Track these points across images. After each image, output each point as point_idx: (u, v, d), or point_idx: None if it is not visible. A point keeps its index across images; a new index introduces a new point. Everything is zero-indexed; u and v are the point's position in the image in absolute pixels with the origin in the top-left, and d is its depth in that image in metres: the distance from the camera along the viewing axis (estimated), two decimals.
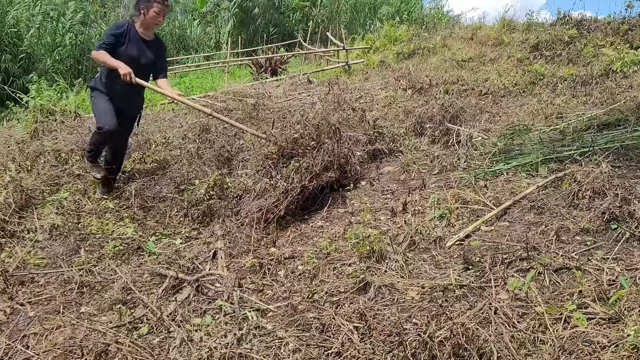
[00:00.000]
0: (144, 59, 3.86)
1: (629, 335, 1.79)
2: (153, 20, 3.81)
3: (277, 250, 2.99)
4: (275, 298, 2.47)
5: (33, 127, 5.90)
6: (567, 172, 3.21)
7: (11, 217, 3.49)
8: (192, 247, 3.14)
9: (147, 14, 3.79)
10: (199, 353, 1.97)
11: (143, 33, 3.87)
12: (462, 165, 4.02)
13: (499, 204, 3.13)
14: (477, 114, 5.36)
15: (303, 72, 10.19)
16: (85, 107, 8.23)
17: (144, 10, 3.78)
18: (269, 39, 18.53)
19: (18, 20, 14.37)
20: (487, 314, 2.01)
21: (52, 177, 4.36)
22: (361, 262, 2.62)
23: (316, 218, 3.43)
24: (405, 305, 2.23)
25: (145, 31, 3.87)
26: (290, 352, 1.98)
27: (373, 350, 1.90)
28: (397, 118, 5.61)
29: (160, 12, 3.80)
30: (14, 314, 2.48)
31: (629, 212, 2.64)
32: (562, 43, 8.03)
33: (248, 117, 6.11)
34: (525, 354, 1.81)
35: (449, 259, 2.62)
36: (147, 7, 3.76)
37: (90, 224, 3.55)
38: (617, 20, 8.46)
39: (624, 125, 4.14)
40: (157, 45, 4.01)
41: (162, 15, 3.85)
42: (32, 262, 2.98)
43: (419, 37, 11.05)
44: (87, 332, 2.19)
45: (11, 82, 12.86)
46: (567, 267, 2.35)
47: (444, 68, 8.20)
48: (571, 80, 6.34)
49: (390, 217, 3.22)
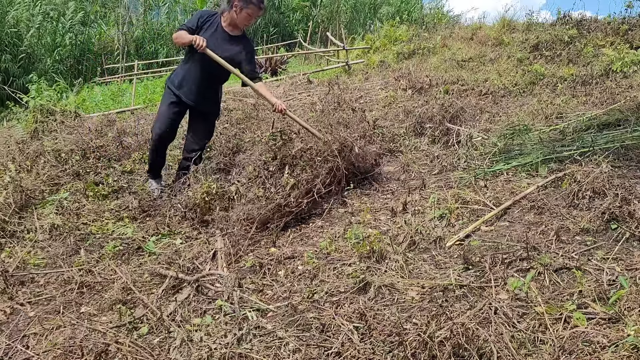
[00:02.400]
0: (226, 53, 3.60)
1: (629, 335, 1.79)
2: (244, 21, 3.63)
3: (277, 250, 2.99)
4: (275, 298, 2.47)
5: (33, 127, 5.90)
6: (567, 172, 3.21)
7: (11, 217, 3.49)
8: (192, 247, 3.14)
9: (239, 13, 3.58)
10: (199, 353, 1.97)
11: (227, 27, 3.68)
12: (462, 165, 4.02)
13: (499, 204, 3.14)
14: (477, 114, 5.36)
15: (303, 72, 10.20)
16: (85, 107, 8.24)
17: (236, 8, 3.56)
18: (269, 39, 18.53)
19: (18, 20, 14.37)
20: (487, 314, 2.01)
21: (52, 177, 4.36)
22: (361, 262, 2.62)
23: (316, 218, 3.43)
24: (405, 305, 2.23)
25: (230, 27, 3.68)
26: (290, 352, 1.98)
27: (373, 350, 1.90)
28: (397, 118, 5.62)
29: (253, 15, 3.62)
30: (14, 314, 2.48)
31: (629, 212, 2.64)
32: (562, 43, 8.04)
33: (248, 117, 6.11)
34: (525, 354, 1.81)
35: (449, 259, 2.62)
36: (242, 6, 3.55)
37: (90, 224, 3.55)
38: (617, 20, 8.46)
39: (624, 125, 4.14)
40: (242, 42, 3.73)
41: (255, 18, 3.67)
42: (32, 262, 2.98)
43: (419, 37, 11.05)
44: (87, 332, 2.19)
45: (11, 82, 12.87)
46: (567, 267, 2.36)
47: (444, 68, 8.20)
48: (571, 80, 6.34)
49: (390, 217, 3.22)
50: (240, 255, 2.97)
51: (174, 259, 2.92)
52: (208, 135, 4.04)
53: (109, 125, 5.99)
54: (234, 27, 3.69)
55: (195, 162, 3.84)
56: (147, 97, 9.66)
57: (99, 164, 4.78)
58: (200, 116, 3.93)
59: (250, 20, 3.66)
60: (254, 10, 3.58)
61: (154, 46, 17.83)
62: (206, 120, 3.96)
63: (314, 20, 19.80)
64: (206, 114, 3.93)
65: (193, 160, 3.83)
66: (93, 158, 4.88)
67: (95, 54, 16.33)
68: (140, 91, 10.65)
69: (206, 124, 3.97)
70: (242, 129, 5.62)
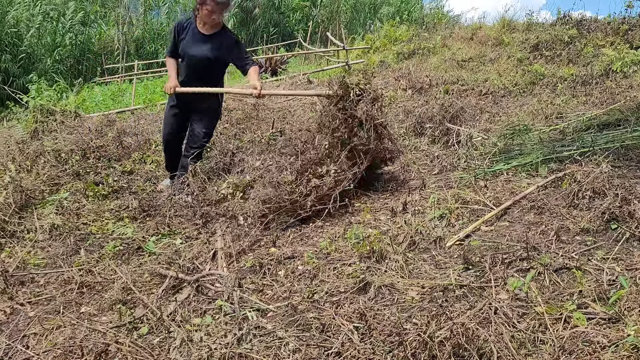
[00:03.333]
0: (201, 53, 3.83)
1: (629, 335, 1.79)
2: (205, 18, 3.77)
3: (277, 250, 2.99)
4: (275, 298, 2.47)
5: (33, 127, 5.90)
6: (567, 172, 3.21)
7: (11, 217, 3.49)
8: (192, 247, 3.14)
9: (201, 11, 3.74)
10: (199, 353, 1.97)
11: (202, 28, 3.84)
12: (462, 165, 4.02)
13: (499, 204, 3.13)
14: (477, 114, 5.36)
15: (303, 72, 10.20)
16: (85, 107, 8.24)
17: (199, 7, 3.75)
18: (269, 39, 18.54)
19: (18, 20, 14.38)
20: (487, 314, 2.01)
21: (52, 177, 4.36)
22: (361, 262, 2.62)
23: (316, 218, 3.43)
24: (405, 305, 2.23)
25: (203, 27, 3.84)
26: (290, 352, 1.98)
27: (373, 350, 1.90)
28: (397, 118, 5.62)
29: (213, 10, 3.71)
30: (14, 314, 2.48)
31: (629, 212, 2.64)
32: (562, 43, 8.04)
33: (248, 117, 6.12)
34: (525, 354, 1.81)
35: (449, 259, 2.62)
36: (200, 2, 3.72)
37: (90, 224, 3.55)
38: (617, 20, 8.47)
39: (624, 125, 4.14)
40: (219, 37, 3.89)
41: (217, 12, 3.76)
42: (32, 262, 2.98)
43: (419, 37, 11.06)
44: (87, 332, 2.19)
45: (11, 82, 12.88)
46: (567, 267, 2.35)
47: (444, 68, 8.21)
48: (571, 80, 6.34)
49: (390, 217, 3.22)
50: (242, 250, 2.97)
51: (174, 259, 2.92)
52: (207, 129, 4.08)
53: (109, 125, 6.00)
54: (207, 27, 3.83)
55: (193, 160, 3.90)
56: (147, 97, 9.67)
57: (99, 164, 4.78)
58: (199, 112, 4.03)
59: (211, 16, 3.74)
60: (212, 5, 3.68)
61: (154, 46, 17.85)
62: (205, 116, 4.04)
63: (314, 20, 19.80)
64: (205, 110, 4.03)
65: (190, 158, 3.91)
66: (93, 158, 4.88)
67: (95, 54, 16.34)
68: (140, 91, 10.67)
69: (205, 120, 4.04)
70: (242, 129, 5.62)
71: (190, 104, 4.00)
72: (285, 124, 4.12)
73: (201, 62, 3.86)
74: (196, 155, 3.96)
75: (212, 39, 3.86)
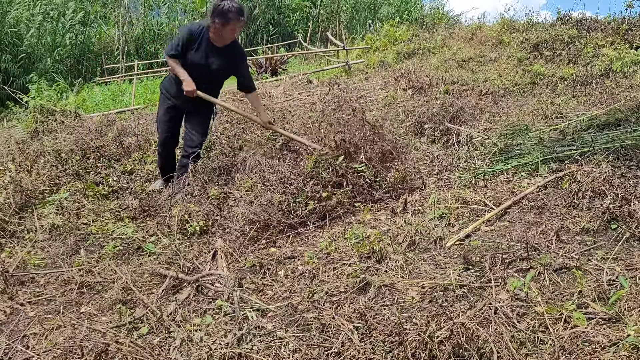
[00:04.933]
0: (212, 65, 3.80)
1: (629, 335, 1.79)
2: (229, 35, 3.72)
3: (277, 250, 2.99)
4: (275, 298, 2.47)
5: (33, 127, 5.91)
6: (567, 172, 3.21)
7: (11, 217, 3.49)
8: (192, 247, 3.14)
9: (222, 30, 3.66)
10: (199, 353, 1.97)
11: (215, 40, 3.77)
12: (462, 165, 4.02)
13: (499, 204, 3.13)
14: (477, 114, 5.36)
15: (303, 72, 10.20)
16: (85, 107, 8.24)
17: (218, 24, 3.63)
18: (269, 39, 18.53)
19: (18, 20, 14.37)
20: (487, 314, 2.01)
21: (52, 177, 4.36)
22: (361, 262, 2.62)
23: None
24: (405, 305, 2.23)
25: (217, 39, 3.77)
26: (290, 352, 1.98)
27: (373, 350, 1.90)
28: (397, 118, 5.61)
29: (236, 28, 3.69)
30: (14, 314, 2.48)
31: (629, 212, 2.64)
32: (562, 43, 8.04)
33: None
34: (525, 354, 1.81)
35: (449, 259, 2.62)
36: (223, 22, 3.62)
37: (90, 224, 3.55)
38: (617, 20, 8.47)
39: (624, 125, 4.14)
40: (231, 51, 3.85)
41: (240, 28, 3.76)
42: (32, 262, 2.98)
43: (419, 37, 11.06)
44: (87, 332, 2.19)
45: (11, 82, 12.87)
46: (567, 267, 2.35)
47: (444, 68, 8.21)
48: (571, 80, 6.34)
49: (390, 217, 3.22)
50: (241, 252, 2.97)
51: (174, 259, 2.92)
52: (204, 128, 4.11)
53: (109, 125, 5.99)
54: (221, 39, 3.77)
55: (194, 159, 3.90)
56: (147, 97, 9.67)
57: (99, 164, 4.78)
58: (196, 115, 4.05)
59: (235, 32, 3.75)
60: (234, 23, 3.65)
61: (154, 46, 17.83)
62: (201, 117, 4.06)
63: (314, 20, 19.80)
64: (202, 113, 4.05)
65: (191, 157, 3.90)
66: (93, 158, 4.88)
67: (95, 54, 16.33)
68: (140, 91, 10.66)
69: (200, 118, 4.06)
70: (242, 129, 5.61)
71: (189, 107, 3.97)
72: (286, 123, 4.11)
73: (211, 74, 3.85)
74: (196, 155, 3.96)
75: (225, 53, 3.83)
